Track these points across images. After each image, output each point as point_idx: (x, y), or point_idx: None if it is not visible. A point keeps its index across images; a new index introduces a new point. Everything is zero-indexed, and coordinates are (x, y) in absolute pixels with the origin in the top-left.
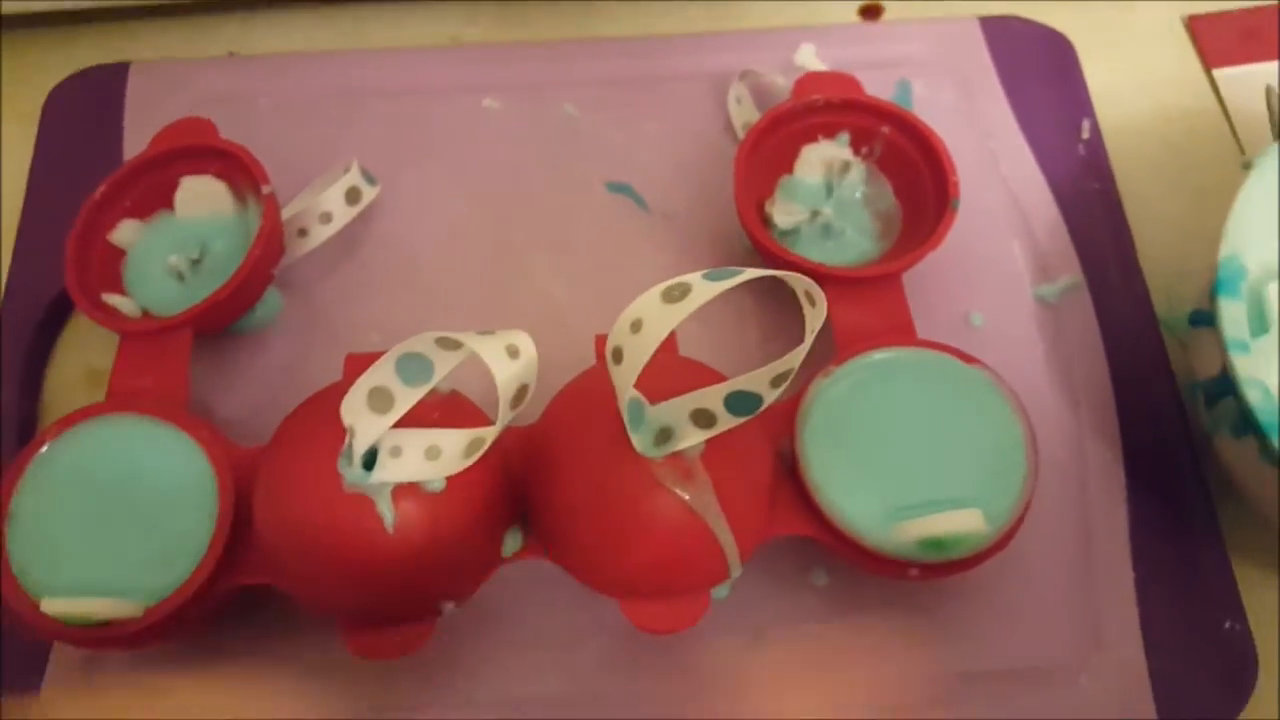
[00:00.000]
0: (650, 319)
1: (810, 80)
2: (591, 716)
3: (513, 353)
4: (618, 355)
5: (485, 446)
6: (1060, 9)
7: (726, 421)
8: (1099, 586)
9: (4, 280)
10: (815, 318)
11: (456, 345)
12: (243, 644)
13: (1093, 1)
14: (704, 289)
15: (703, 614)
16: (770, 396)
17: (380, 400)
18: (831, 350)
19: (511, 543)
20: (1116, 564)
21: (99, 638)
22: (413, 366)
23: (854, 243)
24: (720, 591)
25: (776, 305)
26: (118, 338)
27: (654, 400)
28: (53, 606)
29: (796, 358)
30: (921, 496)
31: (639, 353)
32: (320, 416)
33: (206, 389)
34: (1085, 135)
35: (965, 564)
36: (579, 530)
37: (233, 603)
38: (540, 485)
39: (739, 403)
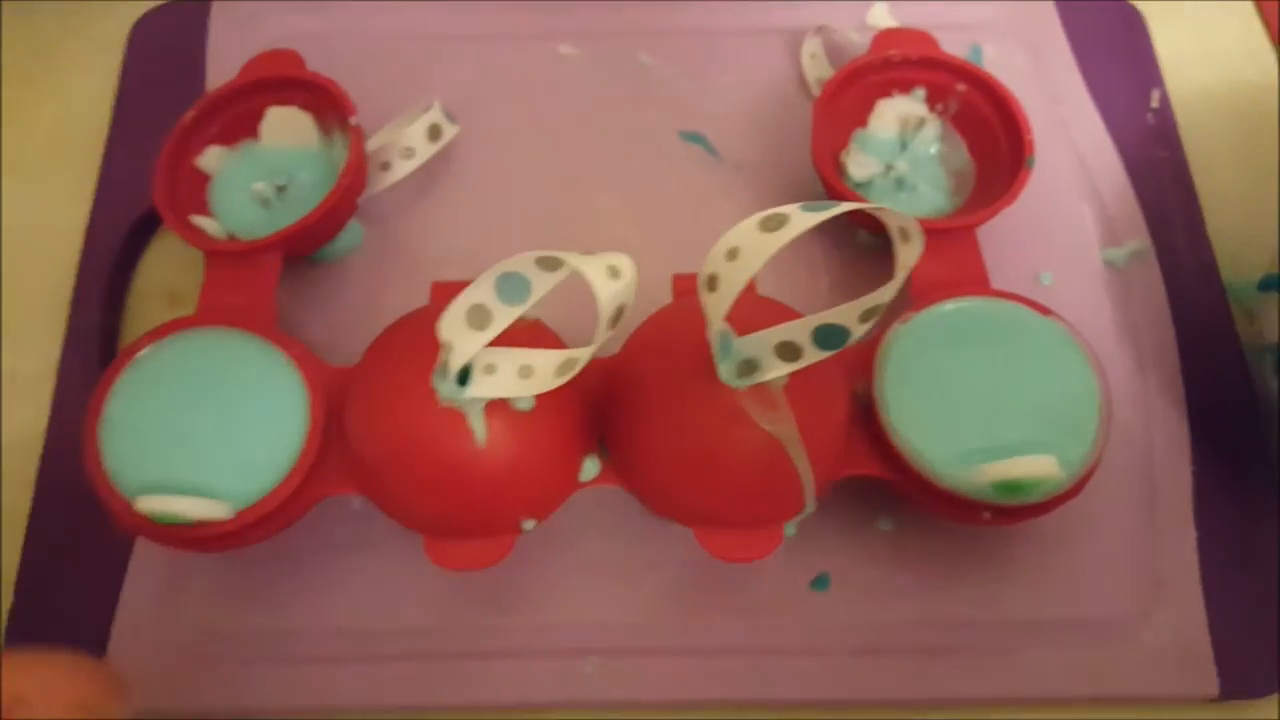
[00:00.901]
0: (747, 247)
1: (888, 36)
2: (653, 645)
3: (614, 273)
4: (712, 283)
5: (578, 366)
6: None
7: (812, 355)
8: (1162, 544)
9: (89, 205)
10: (909, 253)
11: (556, 265)
12: (320, 553)
13: None
14: (801, 219)
15: (776, 545)
16: (857, 332)
17: (478, 317)
18: (907, 301)
19: (589, 468)
20: (1179, 523)
21: (188, 537)
22: (512, 285)
23: (927, 197)
24: (789, 529)
25: (846, 256)
26: (198, 261)
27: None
28: (146, 504)
29: (887, 293)
30: (997, 441)
31: (734, 280)
32: (412, 337)
33: (288, 313)
34: (1155, 104)
35: (1037, 509)
36: (659, 458)
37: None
38: (620, 415)
39: (826, 337)
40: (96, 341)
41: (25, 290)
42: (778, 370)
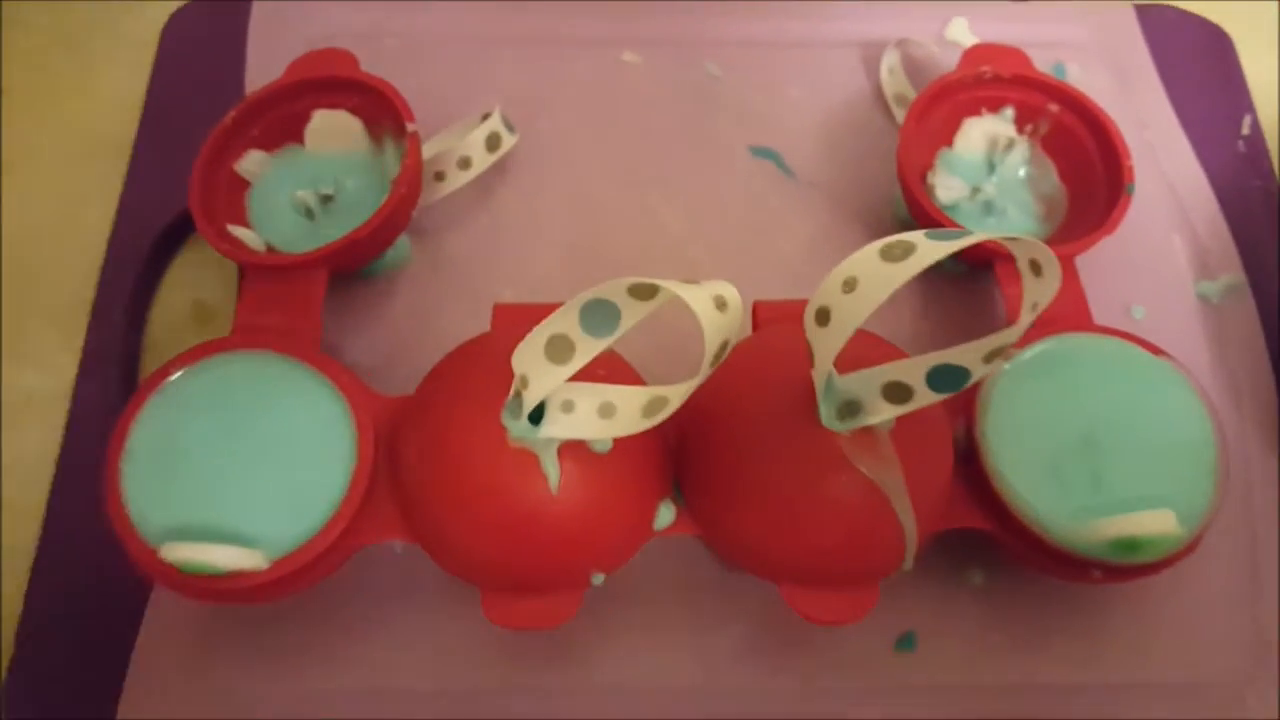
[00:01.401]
0: (867, 278)
1: (978, 51)
2: (724, 711)
3: (720, 304)
4: (823, 317)
5: (670, 408)
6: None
7: (924, 398)
8: (1265, 598)
9: (114, 208)
10: (1043, 290)
11: (653, 294)
12: (357, 605)
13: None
14: (930, 248)
15: (872, 606)
16: (978, 373)
17: (559, 349)
18: None
19: (664, 515)
20: None
21: (216, 589)
22: (599, 315)
23: (1016, 223)
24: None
25: (929, 283)
26: (228, 273)
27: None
28: (173, 552)
29: (1014, 333)
30: (1111, 494)
31: (851, 315)
32: (478, 366)
33: (330, 334)
34: (1245, 131)
35: (1151, 568)
36: (746, 506)
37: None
38: (700, 458)
39: (944, 378)
40: (116, 360)
41: (41, 300)
42: (884, 413)
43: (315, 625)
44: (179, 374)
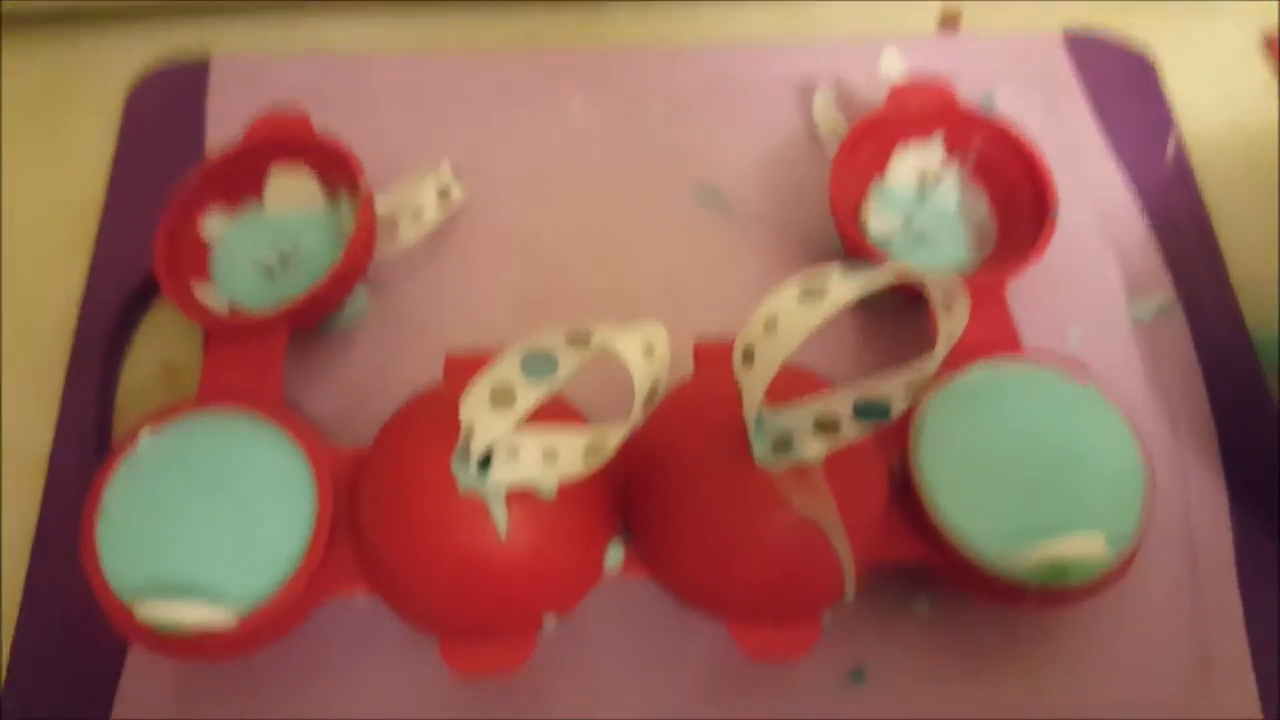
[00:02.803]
0: (785, 318)
1: (905, 88)
2: None
3: (648, 350)
4: (748, 356)
5: (608, 451)
6: (1138, 23)
7: (852, 431)
8: (1206, 617)
9: (82, 274)
10: (953, 323)
11: (585, 340)
12: (322, 656)
13: (1171, 16)
14: (842, 289)
15: (815, 640)
16: (900, 404)
17: (502, 397)
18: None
19: (613, 556)
20: (1223, 594)
21: (188, 647)
22: (538, 362)
23: (948, 252)
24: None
25: (866, 311)
26: (196, 333)
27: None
28: (146, 611)
29: (931, 365)
30: (1041, 519)
31: (773, 355)
32: (428, 418)
33: (291, 387)
34: (1172, 152)
35: (1085, 592)
36: (688, 545)
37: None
38: (644, 497)
39: (869, 410)
40: (92, 420)
41: (15, 365)
42: (815, 447)
43: (287, 677)
44: (148, 436)
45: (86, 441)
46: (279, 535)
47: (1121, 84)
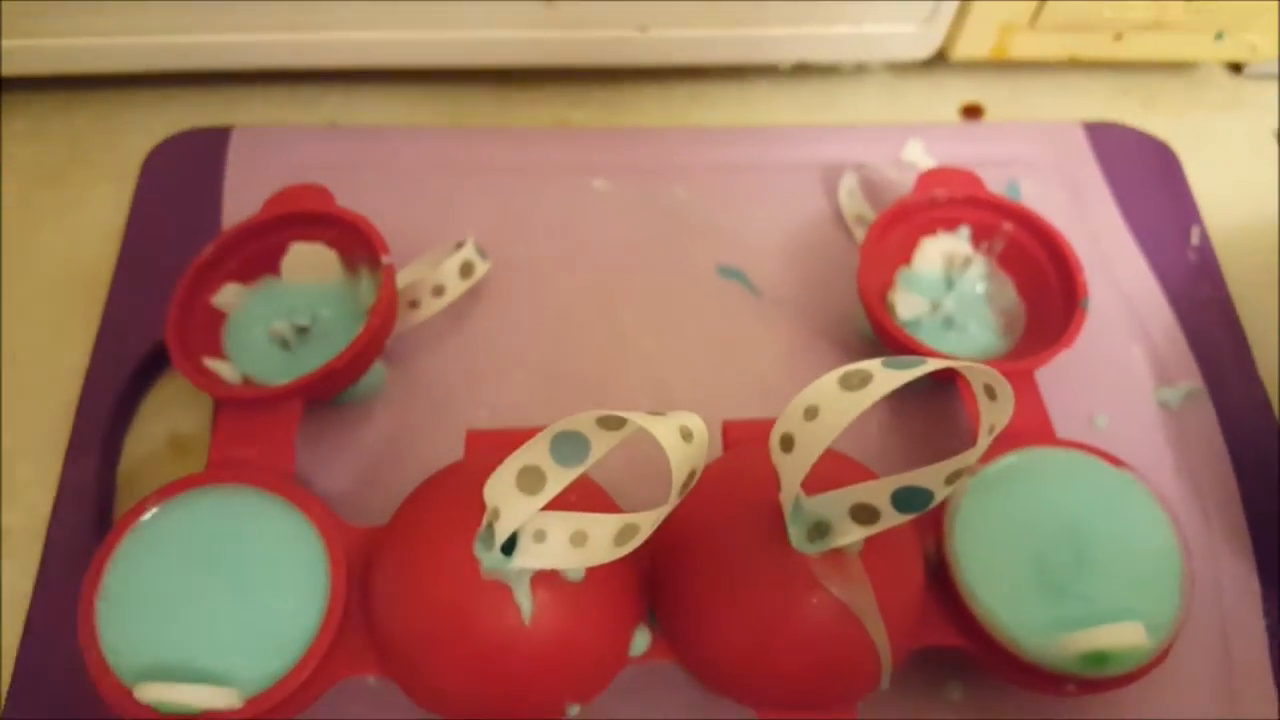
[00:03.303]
0: (827, 407)
1: (933, 175)
2: None
3: (685, 435)
4: (787, 443)
5: (641, 537)
6: (1154, 121)
7: (890, 519)
8: (1240, 703)
9: (89, 343)
10: (997, 413)
11: (619, 425)
12: None
13: (1187, 112)
14: (886, 377)
15: None
16: (941, 494)
17: (530, 480)
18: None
19: (639, 642)
20: (1258, 681)
21: None
22: (569, 445)
23: (976, 337)
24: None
25: (894, 397)
26: (204, 405)
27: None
28: (147, 693)
29: (973, 455)
30: (1079, 607)
31: (813, 442)
32: (449, 497)
33: (304, 461)
34: (1195, 241)
35: (1124, 680)
36: (719, 630)
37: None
38: (673, 580)
39: (908, 499)
40: (91, 496)
41: (16, 433)
42: (853, 534)
43: None
44: (153, 511)
45: (87, 516)
46: (289, 615)
47: (1143, 173)
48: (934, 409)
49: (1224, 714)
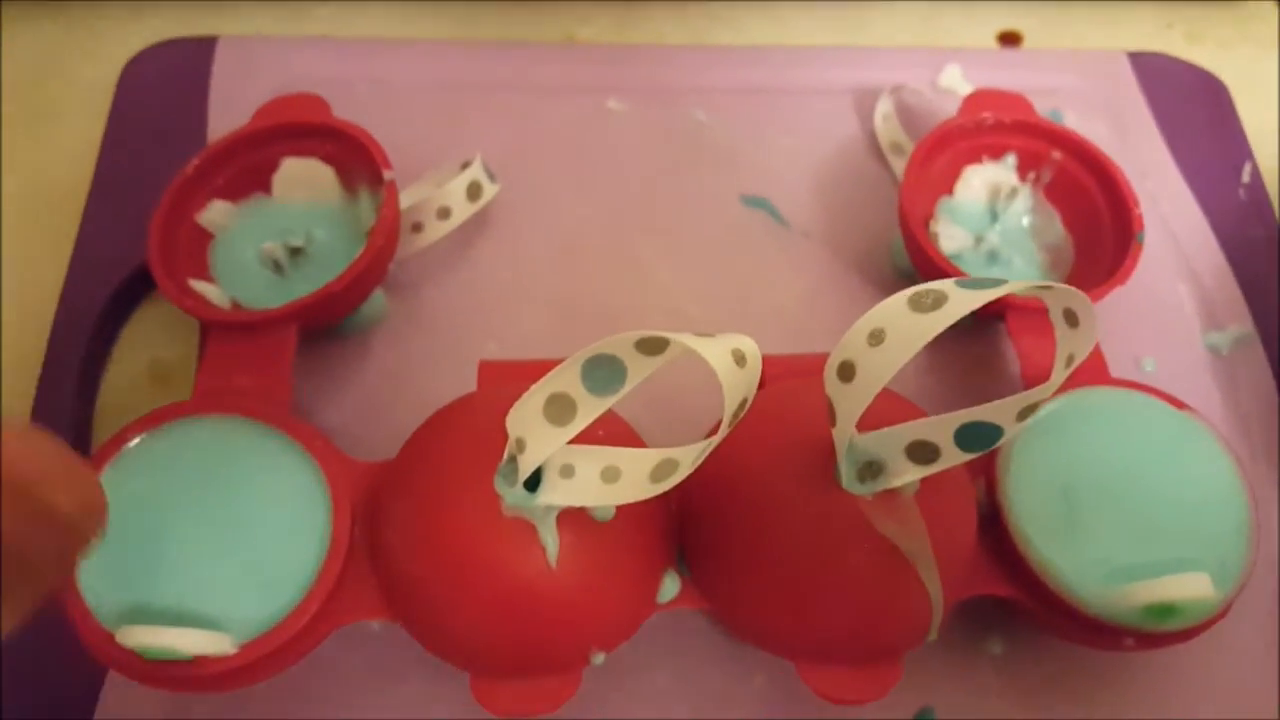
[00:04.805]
0: (895, 330)
1: (980, 97)
2: None
3: (739, 359)
4: (846, 372)
5: (681, 473)
6: (1198, 54)
7: (951, 458)
8: None
9: (67, 263)
10: (1077, 341)
11: (660, 348)
12: (326, 688)
13: (1233, 46)
14: (962, 298)
15: (895, 683)
16: (1010, 431)
17: (560, 410)
18: (1018, 388)
19: (669, 588)
20: None
21: (178, 676)
22: (603, 372)
23: (1021, 273)
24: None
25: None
26: (188, 331)
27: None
28: (131, 636)
29: (1049, 389)
30: (1141, 555)
31: (878, 370)
32: (464, 429)
33: (301, 394)
34: (1246, 179)
35: (1184, 634)
36: (758, 576)
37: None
38: (706, 525)
39: (973, 436)
40: (67, 426)
41: None
42: (908, 475)
43: (287, 702)
44: (136, 441)
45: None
46: (286, 555)
47: (1192, 106)
48: (977, 351)
49: (1276, 676)
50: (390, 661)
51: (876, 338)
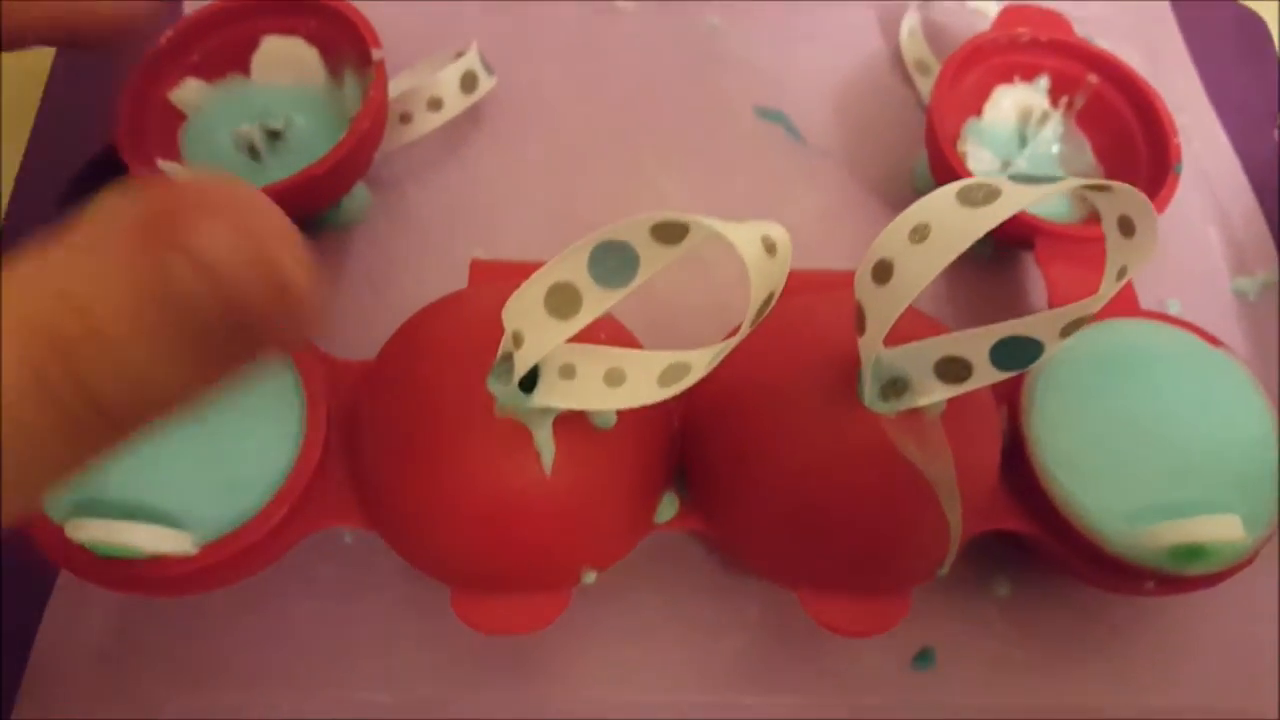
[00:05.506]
0: (941, 226)
1: (1016, 11)
2: None
3: (769, 247)
4: (882, 272)
5: (693, 376)
6: None
7: (983, 377)
8: None
9: (24, 144)
10: (1131, 252)
11: (679, 236)
12: (298, 601)
13: None
14: (1016, 193)
15: (904, 616)
16: (1052, 348)
17: (563, 302)
18: None
19: (667, 507)
20: None
21: (133, 577)
22: (613, 260)
23: (1049, 202)
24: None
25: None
26: None
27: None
28: (83, 531)
29: (1096, 303)
30: (1170, 495)
31: (921, 269)
32: (454, 326)
33: None
34: None
35: (1208, 580)
36: (764, 498)
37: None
38: (710, 441)
39: (1011, 353)
40: None
41: None
42: (935, 394)
43: (248, 623)
44: None
45: None
46: (256, 452)
47: (1229, 43)
48: (995, 280)
49: None
50: (365, 573)
51: (920, 234)
